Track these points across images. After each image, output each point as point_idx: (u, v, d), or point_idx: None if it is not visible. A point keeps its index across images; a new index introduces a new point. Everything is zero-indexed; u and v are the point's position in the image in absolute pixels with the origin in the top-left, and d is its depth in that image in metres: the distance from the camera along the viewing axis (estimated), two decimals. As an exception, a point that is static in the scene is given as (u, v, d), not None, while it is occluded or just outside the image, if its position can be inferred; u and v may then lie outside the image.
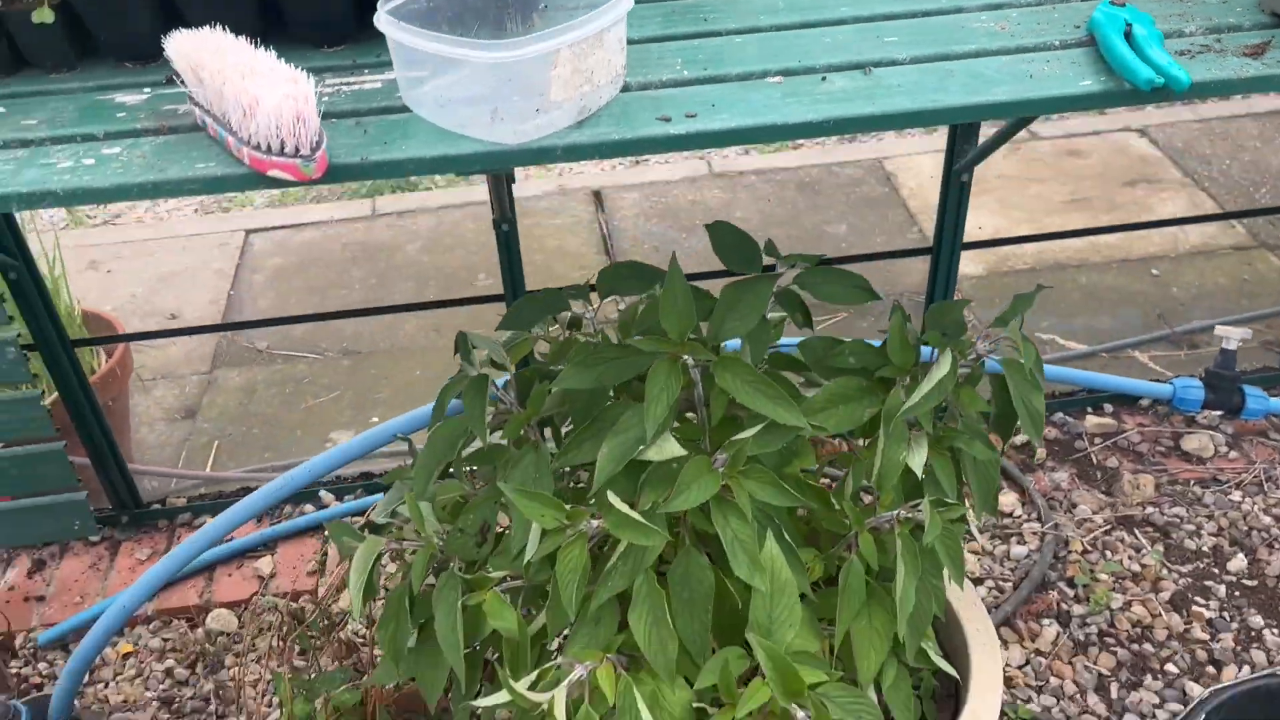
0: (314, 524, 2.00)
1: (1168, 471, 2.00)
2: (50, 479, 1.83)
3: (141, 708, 1.73)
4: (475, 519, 1.18)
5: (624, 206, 3.31)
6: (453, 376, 1.23)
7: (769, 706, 0.98)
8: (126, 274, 3.16)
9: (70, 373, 1.79)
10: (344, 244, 3.24)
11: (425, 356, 2.78)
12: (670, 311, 1.05)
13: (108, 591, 1.90)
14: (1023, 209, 3.13)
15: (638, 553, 1.02)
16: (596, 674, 0.99)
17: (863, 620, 1.10)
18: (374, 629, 1.46)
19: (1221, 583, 1.79)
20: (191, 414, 2.62)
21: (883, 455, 1.07)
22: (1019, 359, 1.10)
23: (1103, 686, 1.66)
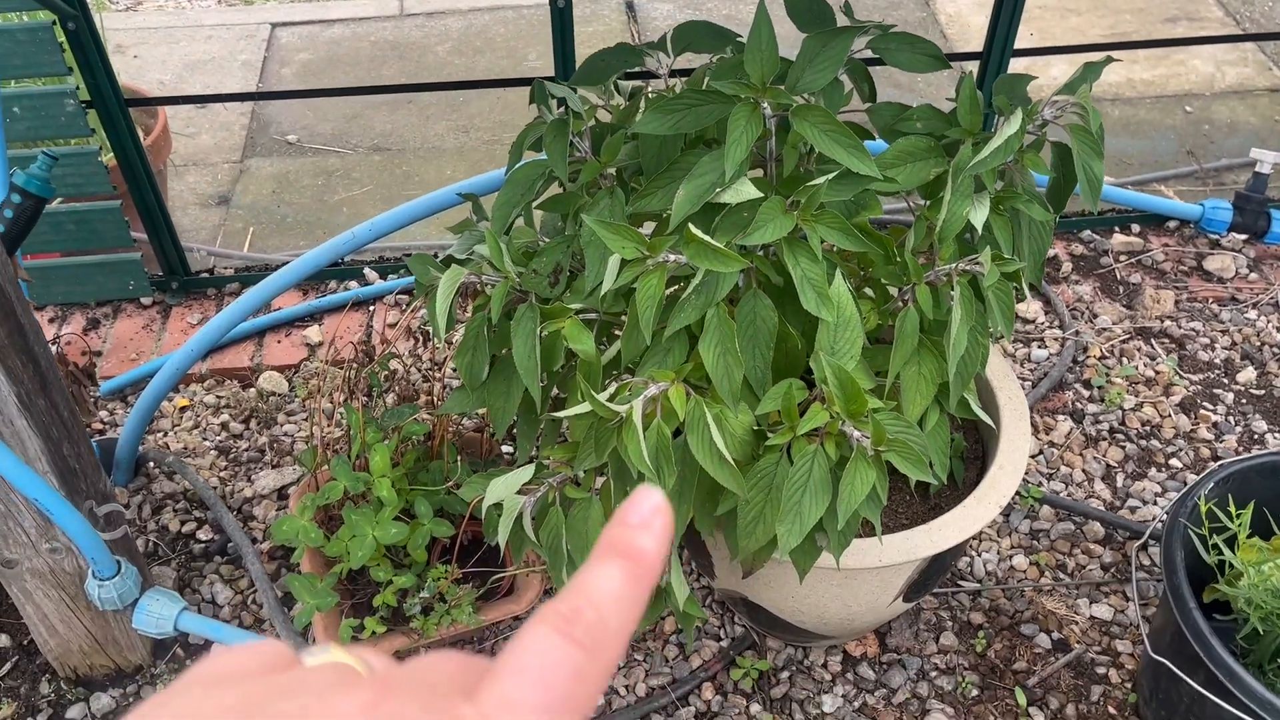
0: (360, 299, 2.06)
1: (1188, 289, 2.06)
2: (107, 236, 1.88)
3: (200, 455, 1.83)
4: (548, 261, 1.23)
5: (657, 17, 3.26)
6: (529, 124, 1.26)
7: (826, 428, 1.06)
8: (152, 60, 3.13)
9: (125, 131, 1.81)
10: (373, 42, 3.20)
11: (455, 157, 2.79)
12: (755, 53, 1.08)
13: (161, 350, 1.98)
14: (1061, 41, 3.09)
15: (712, 284, 1.08)
16: (669, 393, 1.07)
17: (912, 367, 1.18)
18: (445, 368, 1.53)
19: (1230, 391, 1.88)
20: (225, 200, 2.65)
21: (948, 208, 1.12)
22: (1085, 125, 1.14)
23: (1109, 476, 1.76)
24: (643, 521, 0.31)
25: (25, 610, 1.44)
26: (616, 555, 0.30)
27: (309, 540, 1.33)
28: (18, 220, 1.30)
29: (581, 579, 0.30)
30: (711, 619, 1.59)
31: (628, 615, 0.30)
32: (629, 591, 0.30)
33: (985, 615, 1.59)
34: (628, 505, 0.31)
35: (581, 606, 0.29)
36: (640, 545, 0.31)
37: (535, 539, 1.18)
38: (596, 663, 0.29)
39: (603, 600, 0.30)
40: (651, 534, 0.31)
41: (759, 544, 1.11)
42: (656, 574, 0.31)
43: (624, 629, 0.30)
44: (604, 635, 0.29)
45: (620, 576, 0.30)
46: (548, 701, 0.27)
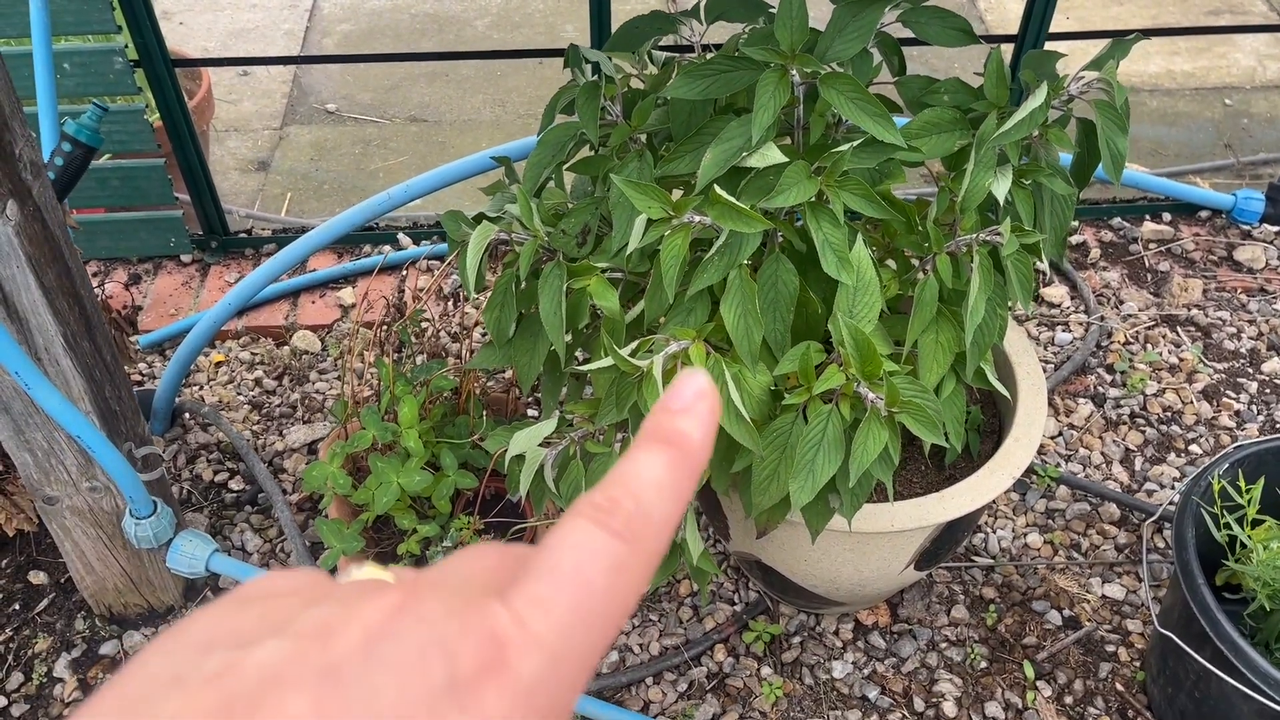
0: (392, 262, 2.10)
1: (1217, 279, 2.06)
2: (150, 193, 1.93)
3: (234, 408, 1.88)
4: (577, 221, 1.26)
5: (696, -3, 3.27)
6: (563, 86, 1.29)
7: (841, 389, 1.09)
8: (198, 27, 3.19)
9: (171, 91, 1.86)
10: (413, 15, 3.24)
11: (491, 129, 2.83)
12: (785, 20, 1.10)
13: (199, 307, 2.03)
14: (1100, 29, 3.07)
15: (735, 245, 1.10)
16: (690, 351, 1.10)
17: (930, 335, 1.20)
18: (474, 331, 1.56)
19: (1254, 380, 1.88)
20: (264, 166, 2.70)
21: (970, 178, 1.14)
22: (1110, 102, 1.15)
23: (1128, 459, 1.77)
24: (685, 406, 0.29)
25: (64, 547, 1.49)
26: (658, 442, 0.29)
27: (337, 486, 1.37)
28: (68, 168, 1.35)
29: (621, 468, 0.28)
30: (726, 583, 1.62)
31: (671, 505, 0.28)
32: (672, 479, 0.28)
33: (997, 590, 1.61)
34: (671, 390, 0.29)
35: (620, 496, 0.27)
36: (683, 430, 0.29)
37: (555, 491, 1.22)
38: (637, 555, 0.27)
39: (643, 489, 0.28)
40: (696, 419, 0.29)
41: (772, 501, 1.13)
42: (702, 462, 0.29)
43: (668, 519, 0.28)
44: (645, 526, 0.27)
45: (663, 463, 0.28)
46: (585, 597, 0.26)
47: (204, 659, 0.25)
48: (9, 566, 1.66)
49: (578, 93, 1.22)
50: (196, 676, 0.24)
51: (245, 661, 0.24)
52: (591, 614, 0.26)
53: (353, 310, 2.02)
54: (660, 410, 0.29)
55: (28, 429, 1.32)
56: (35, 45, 1.56)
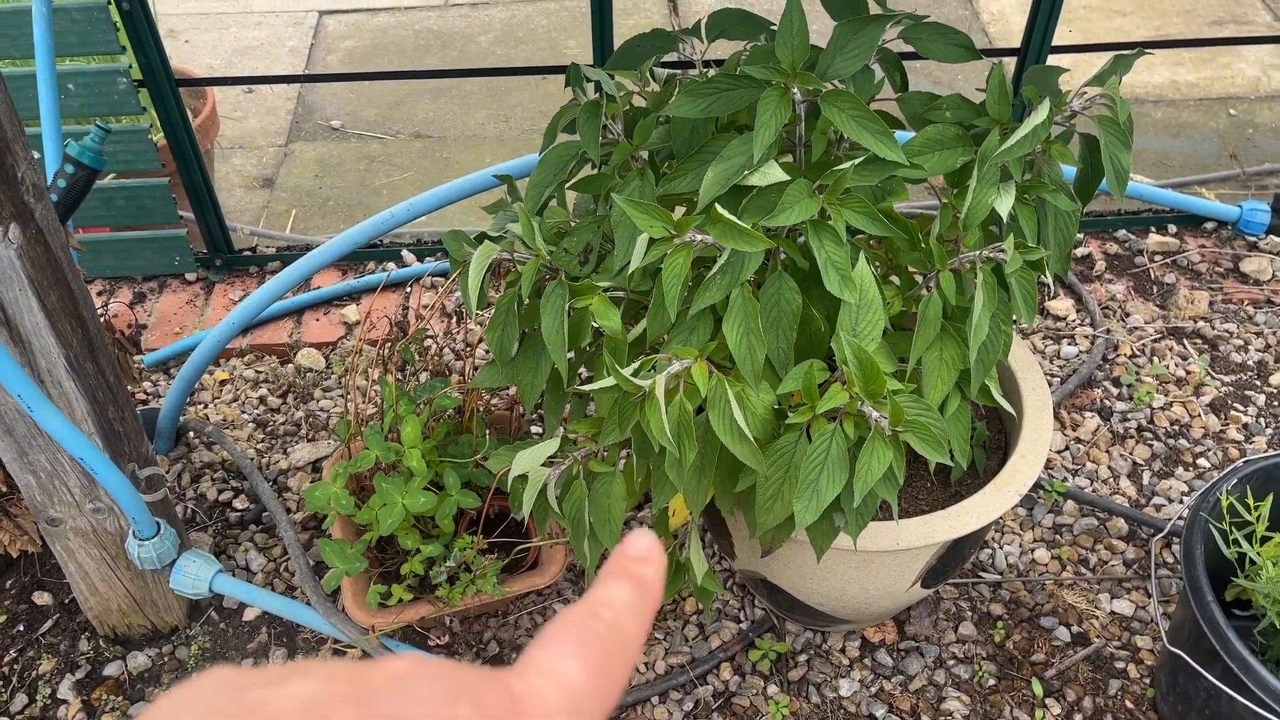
0: (396, 280, 2.10)
1: (1223, 290, 2.05)
2: (155, 212, 1.94)
3: (239, 427, 1.88)
4: (579, 240, 1.26)
5: (698, 10, 3.28)
6: (565, 105, 1.29)
7: (845, 408, 1.08)
8: (203, 45, 3.20)
9: (175, 110, 1.86)
10: (417, 31, 3.25)
11: (495, 145, 2.83)
12: (786, 39, 1.10)
13: (204, 325, 2.03)
14: (1104, 41, 3.07)
15: (737, 264, 1.10)
16: (692, 370, 1.09)
17: (934, 352, 1.19)
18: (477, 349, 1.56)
19: (1262, 393, 1.87)
20: (269, 183, 2.71)
21: (973, 195, 1.13)
22: (1114, 117, 1.15)
23: (1135, 473, 1.76)
24: (641, 555, 0.34)
25: (68, 568, 1.49)
26: (625, 576, 0.33)
27: (340, 507, 1.37)
28: (70, 190, 1.35)
29: (595, 593, 0.32)
30: (731, 601, 1.61)
31: (640, 625, 0.32)
32: (639, 604, 0.32)
33: (1005, 607, 1.60)
34: (626, 543, 0.34)
35: (600, 610, 0.31)
36: (643, 573, 0.33)
37: (559, 510, 1.21)
38: (618, 650, 0.30)
39: (618, 606, 0.32)
40: (651, 566, 0.33)
41: (777, 521, 1.13)
42: (658, 600, 0.33)
43: (638, 636, 0.32)
44: (623, 635, 0.31)
45: (630, 591, 0.32)
46: (586, 672, 0.29)
47: (238, 695, 0.26)
48: (13, 588, 1.66)
49: (579, 112, 1.22)
50: (234, 709, 0.25)
51: (280, 695, 0.25)
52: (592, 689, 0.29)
53: (357, 328, 2.02)
54: (620, 556, 0.34)
55: (31, 451, 1.32)
56: (39, 66, 1.57)
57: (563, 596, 1.62)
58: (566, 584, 1.63)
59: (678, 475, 1.12)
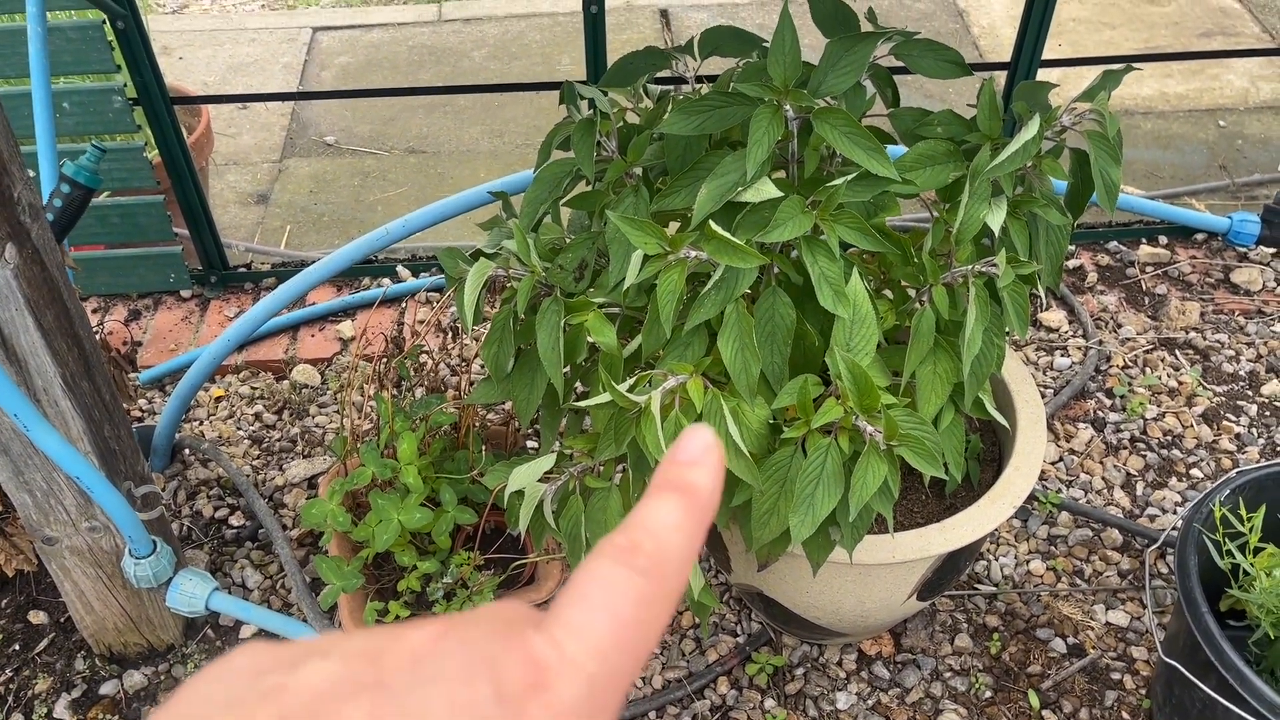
0: (392, 295, 2.11)
1: (1214, 301, 2.06)
2: (150, 230, 1.94)
3: (234, 443, 1.88)
4: (574, 257, 1.27)
5: (691, 26, 3.30)
6: (559, 122, 1.29)
7: (840, 422, 1.09)
8: (197, 62, 3.21)
9: (170, 128, 1.87)
10: (410, 47, 3.26)
11: (489, 160, 2.84)
12: (778, 57, 1.11)
13: (199, 342, 2.03)
14: (1093, 54, 3.09)
15: (731, 280, 1.11)
16: (687, 386, 1.10)
17: (928, 366, 1.20)
18: (473, 364, 1.57)
19: (1254, 403, 1.88)
20: (264, 199, 2.71)
21: (965, 210, 1.14)
22: (1103, 132, 1.16)
23: (1129, 484, 1.77)
24: (694, 458, 0.31)
25: (63, 587, 1.49)
26: (671, 490, 0.30)
27: (337, 524, 1.37)
28: (66, 209, 1.35)
29: (638, 514, 0.30)
30: (728, 615, 1.61)
31: (688, 546, 0.29)
32: (686, 522, 0.30)
33: (1001, 618, 1.60)
34: (679, 444, 0.31)
35: (640, 538, 0.29)
36: (694, 479, 0.30)
37: (555, 526, 1.21)
38: (661, 590, 0.28)
39: (661, 530, 0.29)
40: (705, 469, 0.31)
41: (772, 535, 1.13)
42: (713, 509, 0.31)
43: (685, 558, 0.29)
44: (666, 563, 0.29)
45: (677, 508, 0.30)
46: (615, 627, 0.27)
47: (255, 681, 0.25)
48: (9, 607, 1.65)
49: (573, 129, 1.23)
50: (251, 696, 0.25)
51: (297, 680, 0.25)
52: (622, 643, 0.27)
53: (352, 344, 2.03)
54: (670, 462, 0.31)
55: (27, 470, 1.32)
56: (34, 85, 1.57)
57: (559, 611, 1.62)
58: (563, 599, 1.63)
59: (674, 490, 1.13)
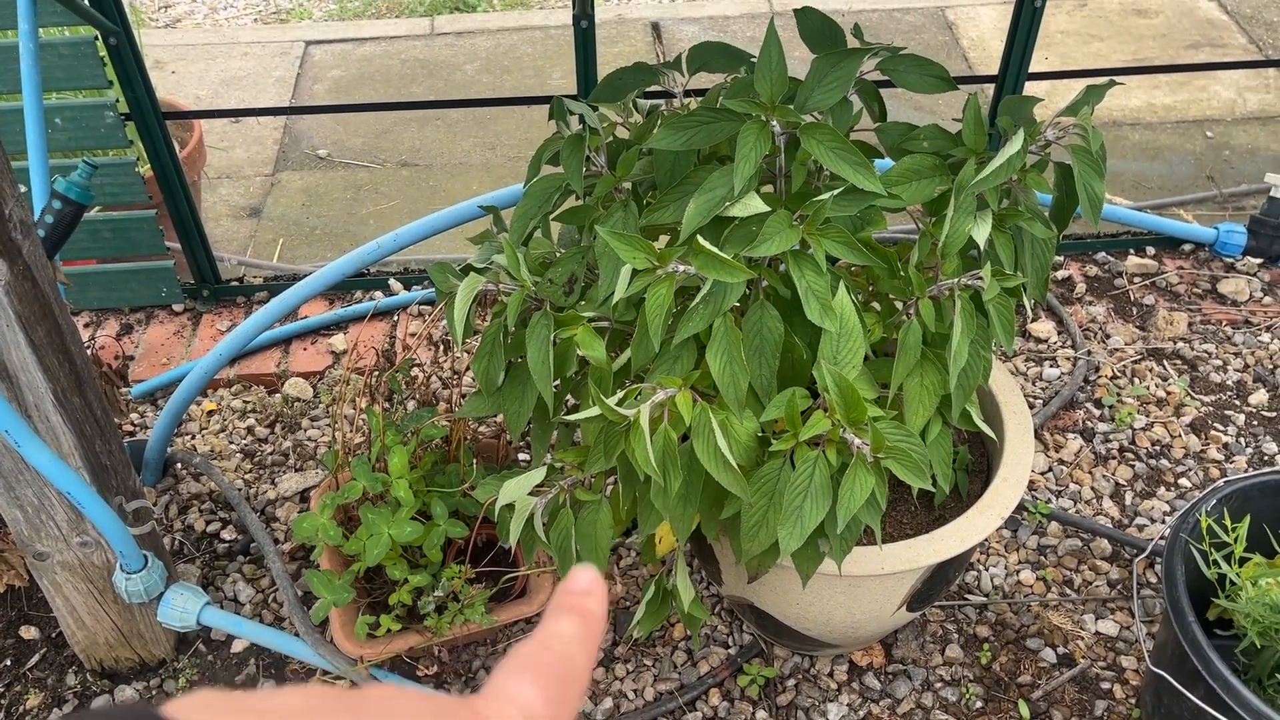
0: (384, 309, 2.11)
1: (1201, 311, 2.08)
2: (142, 244, 1.94)
3: (226, 457, 1.88)
4: (564, 271, 1.28)
5: (682, 39, 3.32)
6: (548, 138, 1.30)
7: (828, 435, 1.09)
8: (190, 76, 3.22)
9: (162, 142, 1.88)
10: (403, 60, 3.27)
11: (481, 173, 2.85)
12: (765, 73, 1.12)
13: (191, 356, 2.04)
14: (1081, 66, 3.12)
15: (719, 294, 1.11)
16: (676, 399, 1.10)
17: (915, 378, 1.21)
18: (464, 377, 1.58)
19: (1241, 413, 1.89)
20: (256, 212, 2.72)
21: (951, 224, 1.15)
22: (1086, 146, 1.17)
23: (1118, 494, 1.78)
24: (585, 590, 0.36)
25: (55, 602, 1.49)
26: (569, 611, 0.35)
27: (328, 538, 1.37)
28: (58, 225, 1.36)
29: (543, 628, 0.35)
30: (720, 626, 1.62)
31: (587, 654, 0.34)
32: (585, 635, 0.35)
33: (991, 629, 1.61)
34: (569, 579, 0.37)
35: (549, 642, 0.34)
36: (589, 607, 0.36)
37: (545, 539, 1.22)
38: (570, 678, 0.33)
39: (566, 639, 0.34)
40: (595, 598, 0.36)
41: (762, 547, 1.14)
42: (602, 629, 0.36)
43: (586, 664, 0.34)
44: (572, 663, 0.33)
45: (576, 623, 0.35)
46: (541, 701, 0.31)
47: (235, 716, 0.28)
48: (0, 622, 1.65)
49: (563, 145, 1.24)
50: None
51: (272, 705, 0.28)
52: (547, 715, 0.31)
53: (344, 357, 2.03)
54: (564, 592, 0.36)
55: (18, 485, 1.33)
56: (26, 102, 1.58)
57: (551, 624, 1.62)
58: (555, 611, 1.63)
59: (663, 503, 1.13)
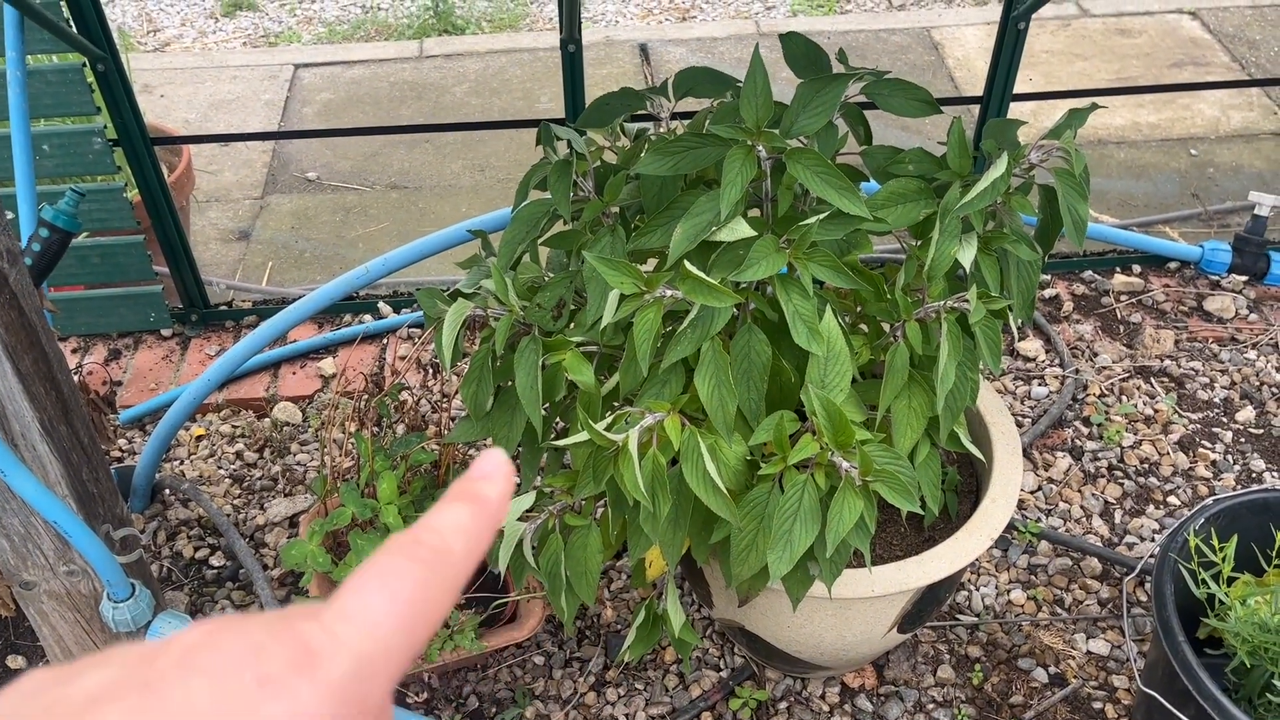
0: (373, 332, 2.11)
1: (1188, 329, 2.09)
2: (130, 270, 1.94)
3: (215, 483, 1.87)
4: (552, 295, 1.28)
5: (670, 60, 3.33)
6: (535, 163, 1.31)
7: (816, 458, 1.10)
8: (179, 99, 3.22)
9: (150, 168, 1.88)
10: (392, 83, 3.28)
11: (471, 195, 2.86)
12: (750, 100, 1.13)
13: (180, 381, 2.03)
14: (1066, 85, 3.14)
15: (707, 319, 1.12)
16: (664, 423, 1.10)
17: (903, 401, 1.21)
18: (453, 400, 1.58)
19: (1229, 430, 1.90)
20: (245, 235, 2.72)
21: (936, 247, 1.16)
22: (1070, 169, 1.18)
23: (1107, 512, 1.78)
24: (486, 474, 0.34)
25: (41, 632, 1.48)
26: (462, 499, 0.33)
27: (317, 565, 1.37)
28: (45, 253, 1.36)
29: (427, 516, 0.32)
30: (711, 649, 1.61)
31: (471, 544, 0.32)
32: (472, 524, 0.32)
33: (983, 649, 1.61)
34: (476, 463, 0.34)
35: (423, 534, 0.31)
36: (484, 492, 0.33)
37: (535, 565, 1.22)
38: (439, 578, 0.30)
39: (445, 528, 0.31)
40: (494, 483, 0.34)
41: (752, 571, 1.14)
42: (501, 515, 0.33)
43: (468, 554, 0.31)
44: (446, 554, 0.31)
45: (465, 512, 0.32)
46: (391, 607, 0.29)
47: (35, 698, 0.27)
48: (-14, 651, 1.64)
49: (550, 170, 1.24)
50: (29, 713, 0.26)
51: (72, 691, 0.26)
52: (398, 622, 0.29)
53: (333, 380, 2.03)
54: (465, 478, 0.34)
55: (4, 514, 1.32)
56: (14, 129, 1.58)
57: (542, 649, 1.61)
58: (545, 636, 1.63)
59: (653, 528, 1.13)
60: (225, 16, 3.74)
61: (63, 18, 1.70)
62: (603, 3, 3.75)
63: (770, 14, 3.59)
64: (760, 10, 3.65)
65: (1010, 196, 1.21)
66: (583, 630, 1.64)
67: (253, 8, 3.78)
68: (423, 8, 3.70)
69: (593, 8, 3.71)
